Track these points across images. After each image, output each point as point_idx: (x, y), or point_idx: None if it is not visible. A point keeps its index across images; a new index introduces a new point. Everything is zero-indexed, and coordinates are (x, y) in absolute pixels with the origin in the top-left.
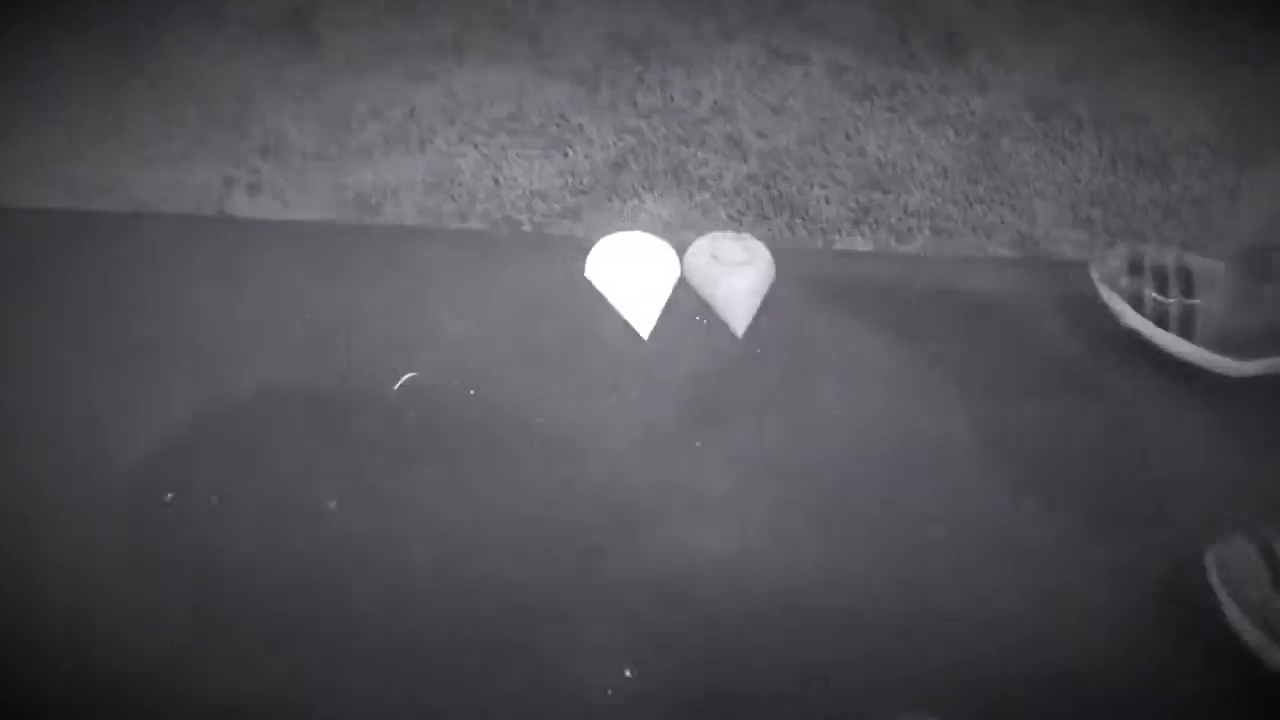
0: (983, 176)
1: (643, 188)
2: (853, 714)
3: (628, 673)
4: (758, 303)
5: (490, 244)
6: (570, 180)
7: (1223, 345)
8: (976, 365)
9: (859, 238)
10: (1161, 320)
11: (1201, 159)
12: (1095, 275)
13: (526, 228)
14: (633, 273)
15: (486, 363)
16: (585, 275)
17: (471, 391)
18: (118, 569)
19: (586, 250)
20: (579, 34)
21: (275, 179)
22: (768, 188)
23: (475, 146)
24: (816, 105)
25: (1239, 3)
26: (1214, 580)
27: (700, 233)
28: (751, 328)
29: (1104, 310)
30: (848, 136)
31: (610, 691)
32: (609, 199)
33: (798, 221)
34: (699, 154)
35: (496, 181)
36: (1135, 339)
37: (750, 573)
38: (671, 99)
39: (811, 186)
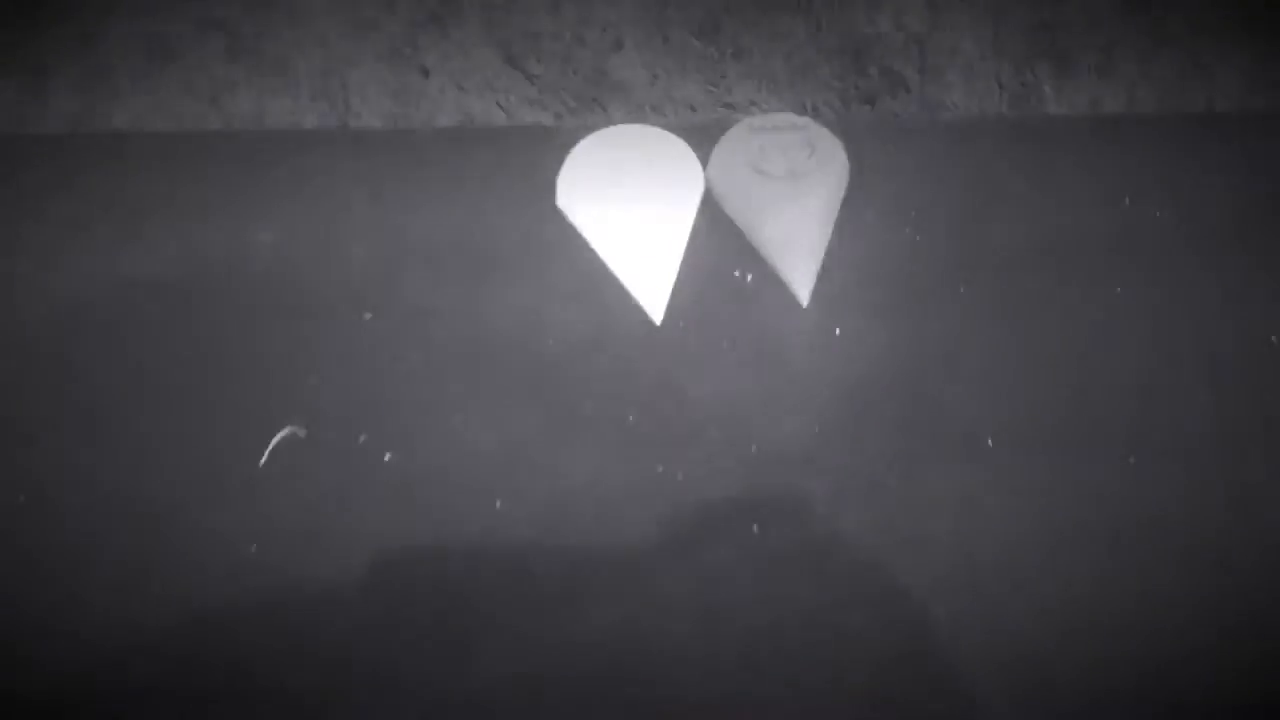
0: None
1: None
2: None
3: None
4: (828, 236)
5: (401, 147)
6: None
7: None
8: (1177, 320)
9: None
10: None
11: None
12: None
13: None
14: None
15: (392, 399)
16: (557, 205)
17: (387, 457)
18: None
19: (559, 154)
20: None
21: None
22: None
23: None
24: None
25: None
26: None
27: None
28: (820, 285)
29: None
30: None
31: None
32: None
33: None
34: None
35: None
36: None
37: None
38: None
39: None
